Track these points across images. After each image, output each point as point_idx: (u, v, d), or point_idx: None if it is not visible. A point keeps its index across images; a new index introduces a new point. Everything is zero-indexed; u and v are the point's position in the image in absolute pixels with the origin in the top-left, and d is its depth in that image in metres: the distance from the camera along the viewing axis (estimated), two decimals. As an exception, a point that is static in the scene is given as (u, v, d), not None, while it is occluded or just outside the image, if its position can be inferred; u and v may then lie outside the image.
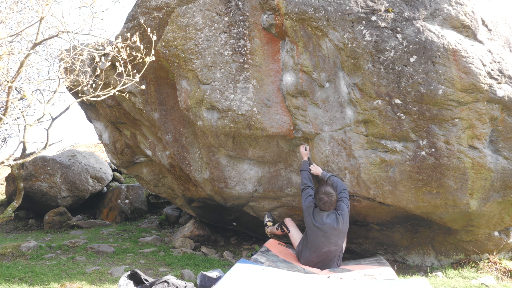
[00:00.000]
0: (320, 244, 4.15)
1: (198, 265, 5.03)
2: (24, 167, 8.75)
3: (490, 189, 4.06)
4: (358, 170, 4.26)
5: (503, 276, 4.29)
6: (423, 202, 4.17)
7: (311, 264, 4.24)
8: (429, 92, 3.85)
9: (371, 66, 4.00)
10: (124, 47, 3.86)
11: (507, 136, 3.97)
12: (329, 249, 4.16)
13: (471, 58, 3.79)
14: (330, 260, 4.22)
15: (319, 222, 4.16)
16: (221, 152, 4.89)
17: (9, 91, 3.39)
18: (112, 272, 4.53)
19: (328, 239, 4.13)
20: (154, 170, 6.49)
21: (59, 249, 6.01)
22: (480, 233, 4.48)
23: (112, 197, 9.39)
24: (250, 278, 3.55)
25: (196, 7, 4.70)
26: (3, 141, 8.90)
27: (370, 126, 4.14)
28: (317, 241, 4.17)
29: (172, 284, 3.49)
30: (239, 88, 4.54)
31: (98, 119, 6.74)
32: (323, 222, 4.14)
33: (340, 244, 4.23)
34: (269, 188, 4.88)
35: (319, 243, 4.16)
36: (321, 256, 4.19)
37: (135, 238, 6.91)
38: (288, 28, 4.32)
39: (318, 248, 4.17)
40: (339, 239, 4.18)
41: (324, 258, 4.20)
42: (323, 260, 4.21)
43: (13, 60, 4.50)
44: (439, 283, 3.97)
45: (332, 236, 4.14)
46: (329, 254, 4.19)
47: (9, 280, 4.17)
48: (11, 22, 5.70)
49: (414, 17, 3.93)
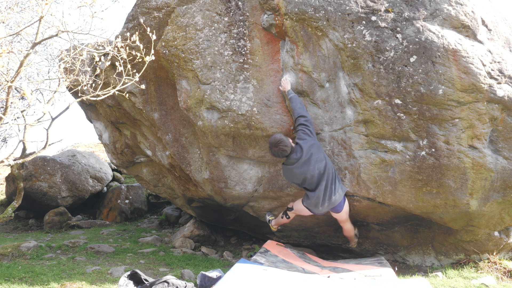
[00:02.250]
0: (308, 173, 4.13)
1: (198, 265, 5.04)
2: (24, 167, 8.75)
3: (490, 189, 4.06)
4: (358, 170, 4.26)
5: (503, 276, 4.29)
6: (423, 202, 4.17)
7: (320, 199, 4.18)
8: (429, 92, 3.84)
9: (371, 66, 4.00)
10: (124, 47, 3.86)
11: (507, 136, 3.96)
12: (318, 167, 4.12)
13: (471, 58, 3.79)
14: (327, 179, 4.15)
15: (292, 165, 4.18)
16: (221, 152, 4.89)
17: (9, 90, 3.39)
18: (112, 272, 4.53)
19: (309, 164, 4.12)
20: (154, 170, 6.49)
21: (59, 249, 6.01)
22: (480, 233, 4.48)
23: (112, 197, 9.39)
24: (250, 278, 3.55)
25: (196, 7, 4.70)
26: (3, 141, 8.89)
27: (370, 126, 4.14)
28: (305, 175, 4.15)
29: (172, 284, 3.49)
30: (239, 88, 4.54)
31: (98, 119, 6.74)
32: (292, 162, 4.17)
33: (321, 157, 4.16)
34: (269, 188, 4.88)
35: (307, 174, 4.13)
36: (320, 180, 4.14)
37: (135, 238, 6.91)
38: (288, 28, 4.32)
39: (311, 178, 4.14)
40: (316, 154, 4.14)
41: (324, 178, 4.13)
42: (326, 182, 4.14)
43: (13, 60, 4.50)
44: (439, 283, 3.97)
45: (310, 160, 4.11)
46: (323, 171, 4.14)
47: (9, 280, 4.17)
48: (11, 22, 5.70)
49: (414, 17, 3.93)
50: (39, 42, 3.32)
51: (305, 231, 5.36)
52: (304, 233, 5.45)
